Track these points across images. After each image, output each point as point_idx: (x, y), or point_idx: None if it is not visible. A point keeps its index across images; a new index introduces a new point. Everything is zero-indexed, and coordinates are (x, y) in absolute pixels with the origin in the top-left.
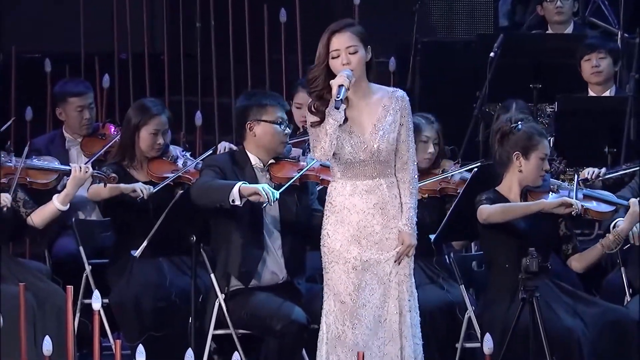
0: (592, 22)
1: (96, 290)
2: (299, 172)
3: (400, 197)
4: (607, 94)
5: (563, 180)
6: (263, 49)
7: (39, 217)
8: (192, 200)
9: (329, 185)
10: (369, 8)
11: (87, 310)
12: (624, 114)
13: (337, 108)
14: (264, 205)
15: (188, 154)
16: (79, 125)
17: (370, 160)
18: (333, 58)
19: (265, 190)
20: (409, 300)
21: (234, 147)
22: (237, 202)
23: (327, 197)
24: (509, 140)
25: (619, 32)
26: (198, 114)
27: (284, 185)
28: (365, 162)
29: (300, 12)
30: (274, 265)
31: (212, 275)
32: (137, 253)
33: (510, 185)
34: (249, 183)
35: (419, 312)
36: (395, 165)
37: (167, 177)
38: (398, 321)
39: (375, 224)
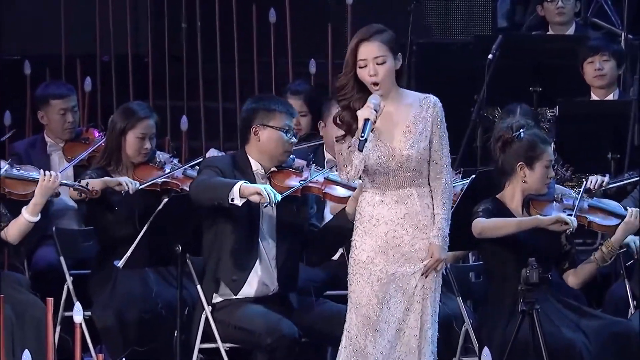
0: (595, 23)
1: (77, 302)
2: (300, 183)
3: (432, 208)
4: (610, 97)
5: (572, 187)
6: (252, 50)
7: (12, 231)
8: (190, 198)
9: (360, 195)
10: (362, 8)
11: (68, 323)
12: (628, 119)
13: (361, 150)
14: (265, 205)
15: (175, 160)
16: (62, 129)
17: (400, 169)
18: (360, 67)
19: (267, 190)
20: (431, 315)
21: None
22: (237, 202)
23: (357, 208)
24: (511, 149)
25: (623, 33)
26: (184, 119)
27: (286, 192)
28: (395, 171)
29: (291, 12)
30: (265, 276)
31: (199, 287)
32: (120, 263)
33: (513, 194)
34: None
35: (437, 327)
36: (429, 174)
37: (155, 184)
38: (418, 336)
39: (404, 234)
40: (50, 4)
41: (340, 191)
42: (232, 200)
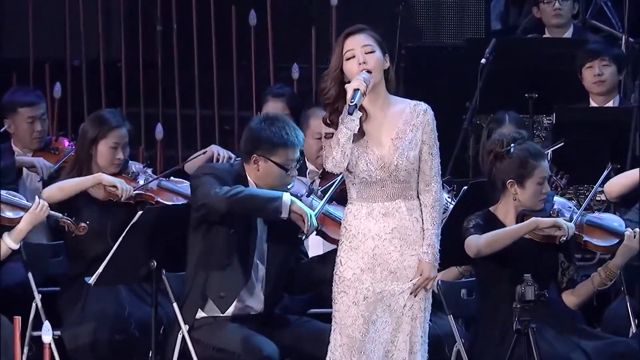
0: (594, 26)
1: (46, 321)
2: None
3: (422, 222)
4: (610, 104)
5: (570, 199)
6: (231, 55)
7: None
8: (217, 208)
9: (345, 208)
10: (347, 9)
11: (37, 344)
12: (629, 127)
13: (351, 114)
14: (302, 236)
15: (149, 170)
16: (30, 138)
17: (388, 179)
18: (347, 59)
19: (311, 221)
20: (421, 336)
21: (232, 155)
22: (285, 215)
23: (342, 222)
24: (501, 164)
25: (624, 37)
26: (159, 127)
27: (318, 208)
28: (383, 181)
29: (272, 14)
30: (251, 298)
31: (175, 305)
32: (92, 280)
33: (506, 208)
34: None
35: (427, 349)
36: (418, 187)
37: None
38: (407, 359)
39: (392, 250)
40: (17, 5)
41: (337, 231)
42: (281, 213)
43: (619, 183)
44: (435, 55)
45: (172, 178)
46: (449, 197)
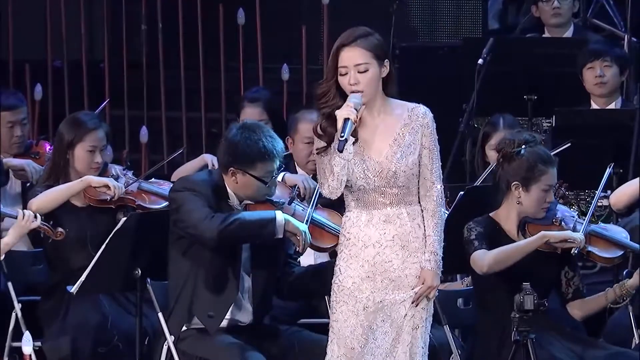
0: (595, 25)
1: (27, 331)
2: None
3: (424, 229)
4: (612, 106)
5: (571, 205)
6: (218, 55)
7: None
8: (209, 240)
9: (343, 216)
10: (339, 8)
11: (17, 355)
12: (632, 130)
13: (340, 150)
14: (296, 252)
15: (130, 173)
16: (9, 143)
17: (387, 186)
18: (341, 75)
19: (305, 238)
20: (422, 347)
21: None
22: (280, 236)
23: (341, 230)
24: (509, 165)
25: (626, 36)
26: (144, 130)
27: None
28: (382, 188)
29: (261, 12)
30: (239, 311)
31: (160, 315)
32: (73, 289)
33: (507, 213)
34: None
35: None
36: (419, 192)
37: (107, 200)
38: None
39: (394, 258)
40: None
41: (323, 240)
42: (277, 235)
43: (625, 193)
44: (431, 56)
45: (153, 179)
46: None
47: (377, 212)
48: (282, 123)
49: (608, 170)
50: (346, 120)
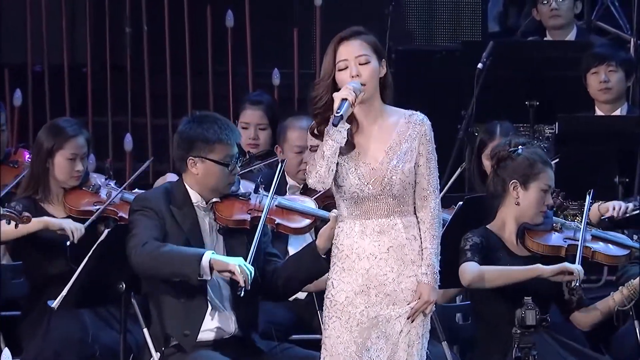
0: (600, 27)
1: (6, 348)
2: (248, 213)
3: (420, 241)
4: (617, 113)
5: (566, 218)
6: (206, 59)
7: None
8: (135, 268)
9: (336, 227)
10: (332, 10)
11: None
12: (638, 138)
13: (336, 125)
14: (240, 292)
15: (112, 183)
16: None
17: (381, 194)
18: (340, 70)
19: (242, 270)
20: None
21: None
22: (207, 277)
23: (333, 241)
24: (506, 166)
25: (632, 39)
26: (128, 138)
27: (250, 250)
28: (376, 197)
29: (251, 14)
30: (220, 320)
31: (145, 330)
32: (54, 304)
33: (504, 220)
34: (193, 226)
35: None
36: (415, 203)
37: (90, 211)
38: None
39: (388, 271)
40: None
41: (295, 220)
42: (201, 276)
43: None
44: (428, 60)
45: (136, 190)
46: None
47: (371, 222)
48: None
49: (588, 199)
50: (343, 100)
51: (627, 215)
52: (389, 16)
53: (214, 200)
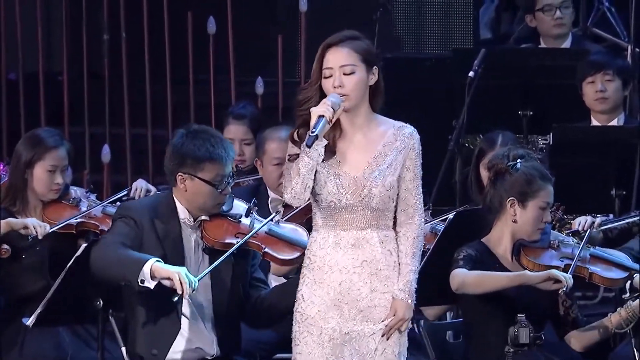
0: (596, 34)
1: None
2: (236, 237)
3: (397, 256)
4: (614, 123)
5: (563, 231)
6: (187, 67)
7: None
8: (91, 270)
9: (310, 236)
10: (318, 16)
11: None
12: (636, 148)
13: (309, 146)
14: (176, 298)
15: (93, 196)
16: None
17: (359, 206)
18: (325, 77)
19: (181, 277)
20: None
21: (152, 189)
22: (148, 284)
23: (306, 252)
24: (503, 181)
25: (629, 47)
26: (106, 149)
27: (214, 262)
28: (354, 208)
29: (233, 21)
30: (200, 340)
31: (124, 349)
32: (29, 321)
33: (500, 236)
34: (176, 242)
35: None
36: (395, 218)
37: (71, 225)
38: None
39: (361, 286)
40: None
41: (284, 251)
42: (142, 282)
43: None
44: (417, 68)
45: (119, 203)
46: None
47: (346, 234)
48: None
49: (589, 231)
50: (320, 117)
51: (595, 229)
52: (376, 22)
53: (203, 218)
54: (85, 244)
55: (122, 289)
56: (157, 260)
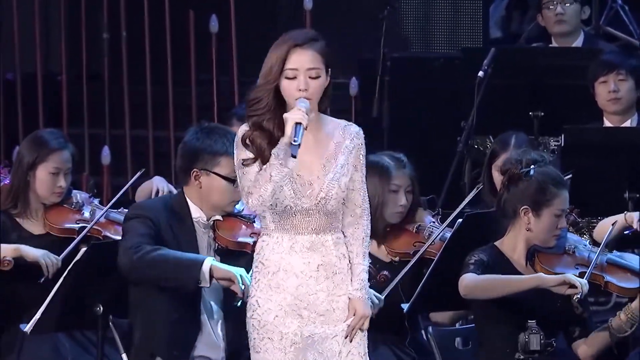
0: (609, 33)
1: None
2: (251, 237)
3: (348, 258)
4: (627, 124)
5: (581, 234)
6: (189, 67)
7: None
8: (126, 273)
9: (259, 240)
10: (324, 15)
11: None
12: None
13: (295, 156)
14: (237, 302)
15: (96, 201)
16: None
17: (314, 209)
18: (288, 78)
19: (243, 279)
20: None
21: (173, 189)
22: (205, 284)
23: (256, 256)
24: (516, 187)
25: None
26: (105, 150)
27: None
28: (309, 211)
29: (236, 20)
30: (208, 347)
31: (124, 355)
32: (27, 328)
33: (514, 243)
34: (190, 243)
35: None
36: (343, 218)
37: (72, 229)
38: None
39: (319, 290)
40: None
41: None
42: (199, 282)
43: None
44: (426, 68)
45: (122, 208)
46: (434, 222)
47: (301, 237)
48: None
49: (610, 228)
50: (298, 124)
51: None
52: (384, 21)
53: (216, 217)
54: (85, 248)
55: (129, 294)
56: (212, 259)
